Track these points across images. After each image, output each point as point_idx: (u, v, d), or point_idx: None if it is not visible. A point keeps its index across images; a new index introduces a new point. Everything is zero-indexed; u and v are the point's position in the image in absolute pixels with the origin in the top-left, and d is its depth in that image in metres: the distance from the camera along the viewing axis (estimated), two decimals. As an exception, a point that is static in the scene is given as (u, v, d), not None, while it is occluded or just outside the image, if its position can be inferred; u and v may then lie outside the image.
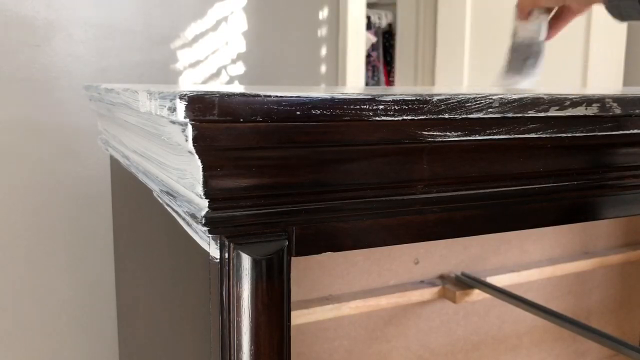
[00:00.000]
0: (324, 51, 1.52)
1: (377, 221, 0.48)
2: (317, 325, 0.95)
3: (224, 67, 1.39)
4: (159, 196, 0.56)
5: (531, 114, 0.49)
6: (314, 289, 0.94)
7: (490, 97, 0.47)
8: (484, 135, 0.49)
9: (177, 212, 0.50)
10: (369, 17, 3.63)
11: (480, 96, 0.47)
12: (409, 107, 0.45)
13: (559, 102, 0.50)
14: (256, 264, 0.43)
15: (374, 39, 3.68)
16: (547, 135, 0.52)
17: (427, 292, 1.01)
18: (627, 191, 0.59)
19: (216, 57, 1.38)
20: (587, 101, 0.51)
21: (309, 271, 0.93)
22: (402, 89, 0.70)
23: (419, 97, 0.45)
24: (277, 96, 0.41)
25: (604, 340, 0.84)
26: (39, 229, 1.23)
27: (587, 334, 0.86)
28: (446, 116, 0.46)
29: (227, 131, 0.40)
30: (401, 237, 0.50)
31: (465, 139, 0.48)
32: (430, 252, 1.04)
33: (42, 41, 1.18)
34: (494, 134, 0.49)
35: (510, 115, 0.49)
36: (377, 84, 3.78)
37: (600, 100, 0.52)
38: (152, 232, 0.67)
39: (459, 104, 0.47)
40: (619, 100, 0.53)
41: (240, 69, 1.41)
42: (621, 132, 0.55)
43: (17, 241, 1.21)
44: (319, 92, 0.44)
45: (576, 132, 0.53)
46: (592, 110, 0.52)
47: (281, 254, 0.44)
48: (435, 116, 0.46)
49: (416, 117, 0.46)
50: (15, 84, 1.17)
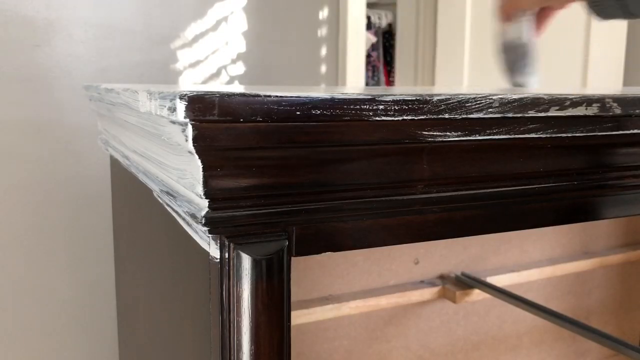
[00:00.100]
0: (324, 51, 1.52)
1: (377, 221, 0.48)
2: (317, 325, 0.95)
3: (224, 67, 1.39)
4: (159, 196, 0.56)
5: (531, 114, 0.49)
6: (314, 289, 0.93)
7: (490, 97, 0.47)
8: (484, 135, 0.49)
9: (177, 212, 0.50)
10: (369, 17, 3.64)
11: (480, 96, 0.47)
12: (409, 107, 0.45)
13: (559, 102, 0.50)
14: (256, 264, 0.43)
15: (374, 39, 3.68)
16: (547, 135, 0.52)
17: (427, 292, 1.01)
18: (627, 191, 0.59)
19: (216, 57, 1.38)
20: (587, 101, 0.51)
21: (309, 271, 0.93)
22: (402, 89, 0.70)
23: (419, 97, 0.45)
24: (277, 96, 0.41)
25: (604, 340, 0.84)
26: (39, 229, 1.23)
27: (587, 334, 0.86)
28: (446, 116, 0.46)
29: (227, 131, 0.40)
30: (401, 237, 0.50)
31: (465, 139, 0.48)
32: (430, 252, 1.04)
33: (42, 41, 1.18)
34: (494, 134, 0.49)
35: (510, 115, 0.49)
36: (377, 84, 3.78)
37: (600, 100, 0.52)
38: (152, 232, 0.67)
39: (459, 104, 0.47)
40: (619, 100, 0.53)
41: (240, 69, 1.41)
42: (621, 132, 0.55)
43: (17, 241, 1.21)
44: (319, 92, 0.44)
45: (576, 132, 0.53)
46: (592, 110, 0.52)
47: (281, 254, 0.44)
48: (435, 116, 0.46)
49: (416, 117, 0.46)
50: (15, 84, 1.17)
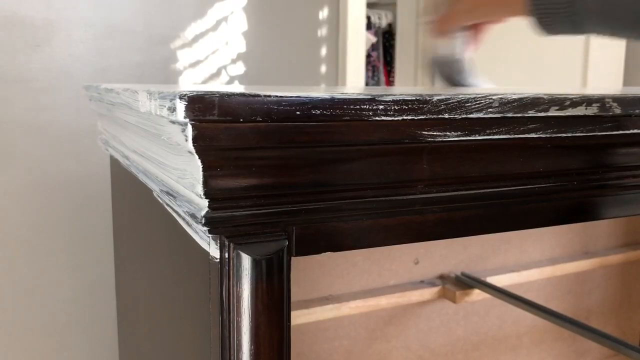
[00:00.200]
0: (324, 51, 1.52)
1: (377, 221, 0.48)
2: (317, 325, 0.95)
3: (224, 67, 1.39)
4: (159, 196, 0.56)
5: (531, 114, 0.49)
6: (314, 289, 0.93)
7: (490, 97, 0.47)
8: (484, 135, 0.49)
9: (177, 212, 0.50)
10: (369, 17, 3.63)
11: (480, 96, 0.47)
12: (409, 107, 0.45)
13: (559, 102, 0.50)
14: (256, 264, 0.43)
15: (374, 39, 3.68)
16: (547, 135, 0.52)
17: (427, 292, 1.01)
18: (627, 191, 0.59)
19: (216, 57, 1.38)
20: (587, 101, 0.51)
21: (309, 271, 0.93)
22: (402, 89, 0.70)
23: (419, 97, 0.45)
24: (277, 96, 0.41)
25: (604, 340, 0.84)
26: (39, 229, 1.23)
27: (587, 334, 0.86)
28: (446, 116, 0.46)
29: (227, 131, 0.40)
30: (401, 237, 0.50)
31: (465, 139, 0.48)
32: (430, 252, 1.04)
33: (42, 41, 1.18)
34: (494, 134, 0.49)
35: (510, 115, 0.49)
36: (377, 84, 3.78)
37: (600, 100, 0.52)
38: (152, 232, 0.67)
39: (459, 104, 0.47)
40: (619, 100, 0.53)
41: (240, 69, 1.41)
42: (621, 132, 0.55)
43: (17, 241, 1.21)
44: (319, 92, 0.44)
45: (576, 132, 0.53)
46: (592, 110, 0.52)
47: (281, 254, 0.44)
48: (435, 116, 0.46)
49: (416, 117, 0.46)
50: (15, 84, 1.17)
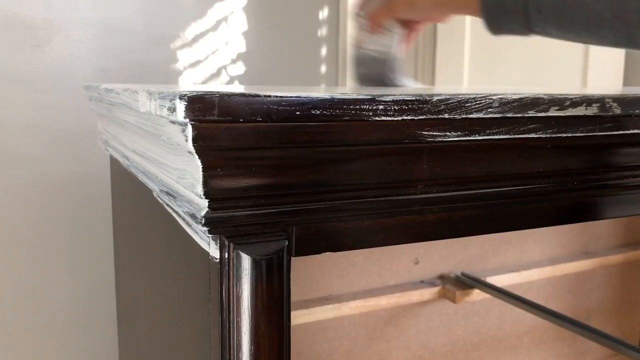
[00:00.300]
0: (324, 51, 1.52)
1: (377, 221, 0.48)
2: (317, 325, 0.95)
3: (224, 67, 1.39)
4: (159, 196, 0.56)
5: (531, 114, 0.49)
6: (314, 289, 0.93)
7: (490, 97, 0.47)
8: (484, 135, 0.49)
9: (177, 212, 0.50)
10: (369, 17, 3.63)
11: (480, 96, 0.47)
12: (409, 107, 0.45)
13: (559, 102, 0.50)
14: (256, 264, 0.43)
15: (374, 39, 3.68)
16: (547, 135, 0.52)
17: (427, 292, 1.01)
18: (627, 191, 0.59)
19: (216, 57, 1.38)
20: (587, 101, 0.51)
21: (309, 271, 0.93)
22: (402, 89, 0.70)
23: (419, 97, 0.45)
24: (277, 96, 0.41)
25: (604, 340, 0.84)
26: (39, 229, 1.23)
27: (587, 334, 0.86)
28: (446, 116, 0.46)
29: (227, 131, 0.40)
30: (401, 237, 0.50)
31: (465, 139, 0.48)
32: (430, 252, 1.04)
33: (42, 41, 1.18)
34: (494, 134, 0.49)
35: (510, 115, 0.49)
36: (377, 84, 3.77)
37: (600, 100, 0.52)
38: (152, 232, 0.67)
39: (459, 104, 0.47)
40: (619, 100, 0.53)
41: (240, 69, 1.41)
42: (621, 132, 0.55)
43: (17, 241, 1.21)
44: (319, 92, 0.44)
45: (576, 132, 0.53)
46: (592, 110, 0.52)
47: (281, 254, 0.44)
48: (435, 116, 0.46)
49: (416, 117, 0.46)
50: (15, 84, 1.17)
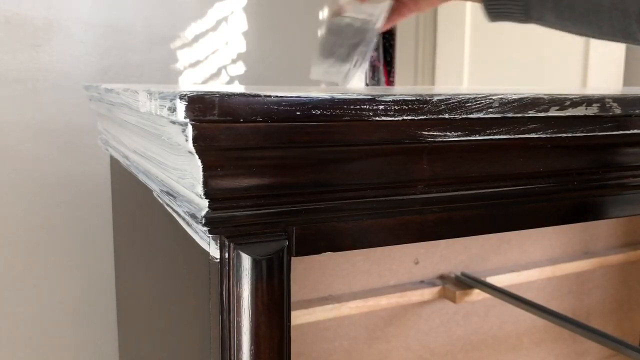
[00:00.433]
0: (324, 51, 1.52)
1: (377, 221, 0.48)
2: (317, 325, 0.95)
3: (224, 67, 1.39)
4: (159, 196, 0.56)
5: (531, 114, 0.49)
6: (314, 289, 0.93)
7: (490, 97, 0.47)
8: (484, 135, 0.49)
9: (177, 212, 0.50)
10: (369, 17, 3.62)
11: (480, 96, 0.47)
12: (409, 107, 0.45)
13: (559, 102, 0.50)
14: (256, 264, 0.43)
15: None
16: (547, 135, 0.52)
17: (427, 292, 1.01)
18: (627, 191, 0.59)
19: (216, 57, 1.38)
20: (587, 101, 0.51)
21: (309, 271, 0.93)
22: (402, 89, 0.70)
23: (419, 97, 0.45)
24: (277, 96, 0.41)
25: (604, 340, 0.84)
26: (39, 228, 1.23)
27: (587, 334, 0.86)
28: (446, 116, 0.46)
29: (227, 131, 0.40)
30: (401, 237, 0.50)
31: (465, 139, 0.48)
32: (430, 252, 1.04)
33: (42, 41, 1.18)
34: (494, 134, 0.49)
35: (510, 115, 0.49)
36: (377, 84, 3.78)
37: (600, 100, 0.52)
38: (152, 232, 0.67)
39: (459, 104, 0.47)
40: (619, 100, 0.53)
41: (240, 69, 1.41)
42: (621, 132, 0.55)
43: (17, 241, 1.21)
44: (319, 92, 0.44)
45: (576, 132, 0.53)
46: (592, 110, 0.52)
47: (281, 254, 0.44)
48: (435, 116, 0.46)
49: (416, 117, 0.46)
50: (15, 84, 1.17)
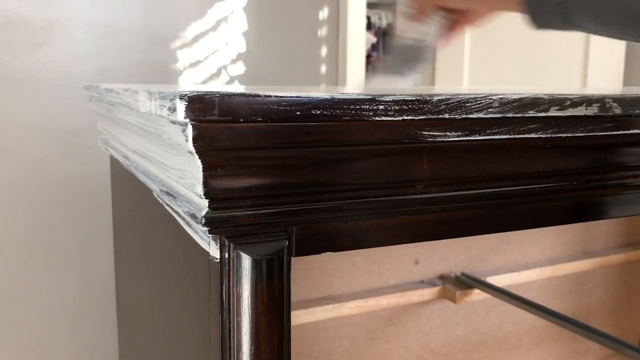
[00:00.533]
0: (324, 51, 1.52)
1: (377, 221, 0.48)
2: (317, 325, 0.95)
3: (224, 67, 1.39)
4: (159, 196, 0.56)
5: (531, 114, 0.49)
6: (314, 289, 0.93)
7: (490, 97, 0.47)
8: (484, 135, 0.49)
9: (177, 212, 0.50)
10: (369, 17, 3.63)
11: (480, 96, 0.47)
12: (409, 107, 0.45)
13: (559, 102, 0.50)
14: (256, 264, 0.43)
15: (374, 39, 3.68)
16: (547, 135, 0.52)
17: (427, 292, 1.01)
18: (627, 191, 0.59)
19: (216, 57, 1.38)
20: (587, 101, 0.51)
21: (309, 271, 0.93)
22: (402, 89, 0.70)
23: (419, 97, 0.45)
24: (277, 96, 0.41)
25: (604, 340, 0.84)
26: (39, 228, 1.23)
27: (587, 334, 0.86)
28: (446, 116, 0.46)
29: (227, 131, 0.40)
30: (401, 237, 0.50)
31: (465, 139, 0.48)
32: (430, 252, 1.04)
33: (42, 41, 1.18)
34: (494, 134, 0.49)
35: (510, 115, 0.49)
36: (377, 84, 3.77)
37: (600, 100, 0.52)
38: (152, 232, 0.67)
39: (459, 104, 0.47)
40: (619, 100, 0.53)
41: (240, 69, 1.41)
42: (621, 132, 0.55)
43: (17, 241, 1.21)
44: (319, 92, 0.44)
45: (576, 132, 0.53)
46: (592, 110, 0.52)
47: (281, 254, 0.44)
48: (435, 116, 0.46)
49: (416, 117, 0.46)
50: (15, 84, 1.17)
